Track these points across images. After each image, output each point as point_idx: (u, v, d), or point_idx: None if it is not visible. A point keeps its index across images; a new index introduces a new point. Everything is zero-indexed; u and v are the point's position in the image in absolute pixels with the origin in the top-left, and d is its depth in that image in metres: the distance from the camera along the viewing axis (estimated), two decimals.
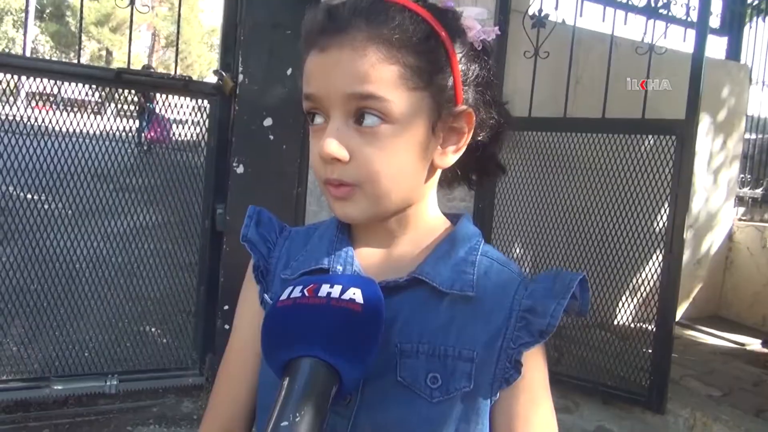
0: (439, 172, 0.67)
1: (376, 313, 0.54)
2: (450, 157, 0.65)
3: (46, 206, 2.30)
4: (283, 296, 0.55)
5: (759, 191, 4.90)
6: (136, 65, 2.99)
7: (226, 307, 2.44)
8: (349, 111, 0.58)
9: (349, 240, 0.68)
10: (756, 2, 4.88)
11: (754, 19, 4.89)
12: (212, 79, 2.55)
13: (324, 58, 0.59)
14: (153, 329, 2.73)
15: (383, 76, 0.57)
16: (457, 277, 0.63)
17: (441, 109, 0.61)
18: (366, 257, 0.67)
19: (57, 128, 2.26)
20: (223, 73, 2.44)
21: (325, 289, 0.53)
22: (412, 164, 0.61)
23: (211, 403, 0.72)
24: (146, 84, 2.46)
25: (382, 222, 0.65)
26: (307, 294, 0.53)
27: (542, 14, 2.93)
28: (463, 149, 0.65)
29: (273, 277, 0.70)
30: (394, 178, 0.60)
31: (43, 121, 2.23)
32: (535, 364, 0.63)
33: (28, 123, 2.24)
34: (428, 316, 0.62)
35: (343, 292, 0.53)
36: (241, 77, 2.39)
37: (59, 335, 2.39)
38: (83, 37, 2.72)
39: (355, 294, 0.53)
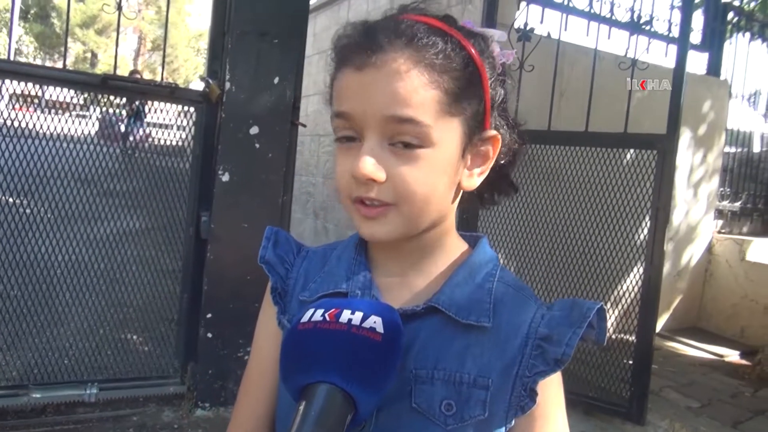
0: (461, 194, 0.67)
1: (396, 343, 0.53)
2: (476, 179, 0.65)
3: (28, 210, 2.27)
4: (304, 318, 0.54)
5: (738, 205, 4.98)
6: (122, 68, 2.96)
7: (209, 316, 2.43)
8: (385, 132, 0.58)
9: (367, 262, 0.68)
10: (736, 19, 4.98)
11: (734, 35, 5.00)
12: (198, 83, 2.54)
13: (361, 77, 0.58)
14: (134, 337, 2.70)
15: (423, 100, 0.57)
16: (473, 307, 0.62)
17: (472, 134, 0.62)
18: (384, 281, 0.67)
19: (40, 130, 2.23)
20: (210, 81, 2.44)
21: (346, 314, 0.53)
22: (443, 186, 0.61)
23: (233, 419, 0.73)
24: (132, 90, 2.44)
25: (404, 243, 0.64)
26: (328, 318, 0.53)
27: (527, 28, 2.97)
28: (488, 171, 0.66)
29: (290, 299, 0.70)
30: (428, 199, 0.60)
31: (27, 123, 2.20)
32: (550, 392, 0.63)
33: (11, 125, 2.21)
34: (444, 343, 0.61)
35: (364, 319, 0.52)
36: (227, 85, 2.39)
37: (39, 342, 2.36)
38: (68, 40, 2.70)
39: (376, 323, 0.52)
